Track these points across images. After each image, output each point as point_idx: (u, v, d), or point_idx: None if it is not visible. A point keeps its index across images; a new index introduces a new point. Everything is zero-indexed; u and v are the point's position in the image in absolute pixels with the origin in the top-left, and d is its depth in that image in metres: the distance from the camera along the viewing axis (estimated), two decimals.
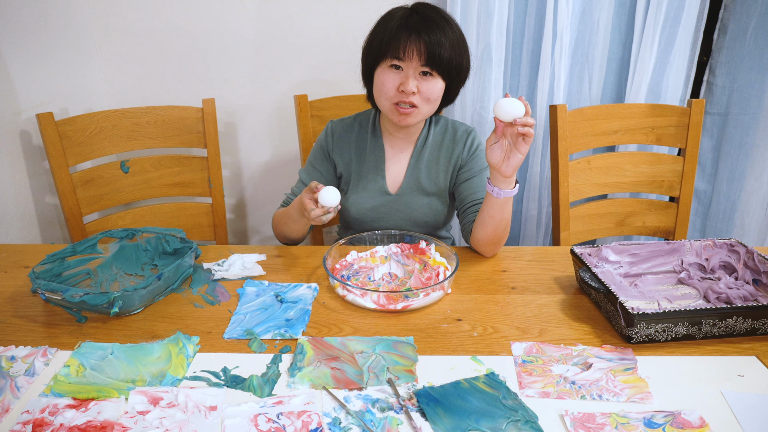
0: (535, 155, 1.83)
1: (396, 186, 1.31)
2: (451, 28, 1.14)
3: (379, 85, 1.18)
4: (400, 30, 1.13)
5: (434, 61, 1.13)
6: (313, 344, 0.91)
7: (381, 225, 1.31)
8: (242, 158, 1.93)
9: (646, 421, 0.75)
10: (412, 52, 1.12)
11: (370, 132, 1.31)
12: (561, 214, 1.58)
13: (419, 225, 1.32)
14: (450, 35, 1.13)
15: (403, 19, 1.14)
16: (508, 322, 0.98)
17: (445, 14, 1.16)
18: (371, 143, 1.31)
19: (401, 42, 1.12)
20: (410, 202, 1.30)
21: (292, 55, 1.79)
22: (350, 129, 1.32)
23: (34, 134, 1.51)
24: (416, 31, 1.12)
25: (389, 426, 0.75)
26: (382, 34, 1.15)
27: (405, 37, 1.12)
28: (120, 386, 0.82)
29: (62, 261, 1.09)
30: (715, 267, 1.10)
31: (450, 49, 1.13)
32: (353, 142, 1.32)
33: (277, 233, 1.34)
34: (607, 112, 1.59)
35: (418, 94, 1.15)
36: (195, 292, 1.08)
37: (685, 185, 1.63)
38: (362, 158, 1.31)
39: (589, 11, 1.70)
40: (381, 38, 1.15)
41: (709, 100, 1.82)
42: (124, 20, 1.73)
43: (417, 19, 1.13)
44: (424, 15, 1.14)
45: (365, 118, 1.34)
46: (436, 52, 1.12)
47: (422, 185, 1.30)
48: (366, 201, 1.30)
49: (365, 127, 1.32)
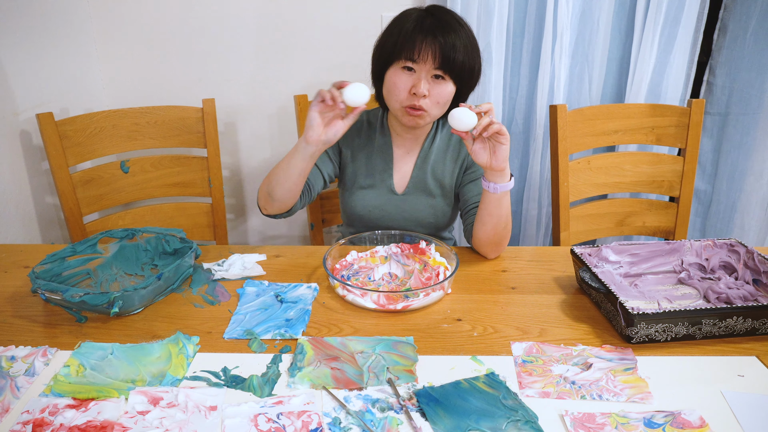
0: (535, 155, 1.83)
1: (402, 186, 1.31)
2: (464, 32, 1.14)
3: (390, 85, 1.17)
4: (415, 32, 1.11)
5: (447, 64, 1.12)
6: (313, 344, 0.91)
7: (385, 224, 1.31)
8: (242, 158, 1.93)
9: (646, 421, 0.75)
10: (426, 55, 1.12)
11: (379, 130, 1.31)
12: (561, 214, 1.58)
13: (423, 225, 1.32)
14: (464, 38, 1.13)
15: (418, 20, 1.13)
16: (508, 322, 0.98)
17: (459, 17, 1.16)
18: (380, 141, 1.30)
19: (416, 44, 1.11)
20: (415, 202, 1.30)
21: (292, 55, 1.79)
22: (360, 124, 1.31)
23: (34, 134, 1.51)
24: (431, 33, 1.11)
25: (389, 426, 0.75)
26: (397, 35, 1.14)
27: (420, 38, 1.11)
28: (120, 386, 0.82)
29: (62, 261, 1.08)
30: (715, 267, 1.10)
31: (463, 53, 1.13)
32: (363, 137, 1.31)
33: (262, 194, 1.20)
34: (607, 112, 1.59)
35: (428, 98, 1.15)
36: (195, 292, 1.08)
37: (685, 185, 1.63)
38: (370, 155, 1.30)
39: (589, 11, 1.70)
40: (395, 39, 1.14)
41: (709, 100, 1.82)
42: (124, 20, 1.73)
43: (432, 22, 1.12)
44: (439, 18, 1.13)
45: (374, 115, 1.33)
46: (450, 56, 1.11)
47: (428, 186, 1.30)
48: (373, 199, 1.30)
49: (374, 124, 1.32)
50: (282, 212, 1.21)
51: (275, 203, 1.18)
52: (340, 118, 1.08)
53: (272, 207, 1.19)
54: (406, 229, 1.24)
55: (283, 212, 1.21)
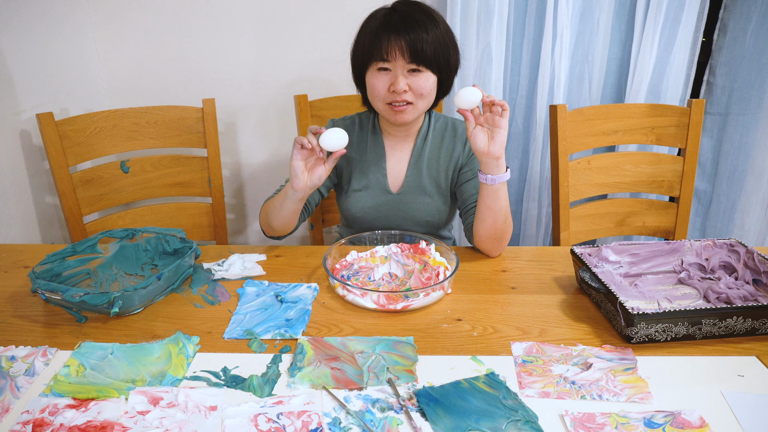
0: (535, 155, 1.83)
1: (397, 185, 1.31)
2: (433, 23, 1.14)
3: (370, 88, 1.19)
4: (380, 31, 1.13)
5: (419, 57, 1.13)
6: (313, 344, 0.91)
7: (382, 224, 1.31)
8: (242, 158, 1.93)
9: (646, 421, 0.75)
10: (395, 52, 1.13)
11: (370, 131, 1.32)
12: (561, 214, 1.58)
13: (421, 224, 1.32)
14: (432, 30, 1.13)
15: (383, 19, 1.14)
16: (508, 322, 0.98)
17: (426, 8, 1.16)
18: (371, 142, 1.31)
19: (383, 43, 1.13)
20: (412, 201, 1.30)
21: (292, 55, 1.79)
22: (351, 128, 1.32)
23: (34, 134, 1.51)
24: (395, 30, 1.12)
25: (389, 426, 0.75)
26: (365, 38, 1.16)
27: (386, 37, 1.12)
28: (120, 386, 0.82)
29: (62, 261, 1.09)
30: (715, 267, 1.10)
31: (434, 44, 1.13)
32: (354, 140, 1.31)
33: (262, 223, 1.29)
34: (607, 112, 1.59)
35: (410, 91, 1.16)
36: (195, 292, 1.08)
37: (685, 185, 1.63)
38: (363, 157, 1.31)
39: (589, 11, 1.70)
40: (365, 42, 1.16)
41: (709, 100, 1.82)
42: (125, 20, 1.73)
43: (396, 18, 1.13)
44: (404, 13, 1.14)
45: (366, 117, 1.34)
46: (419, 48, 1.12)
47: (423, 185, 1.30)
48: (368, 200, 1.30)
49: (366, 126, 1.32)
50: (284, 234, 1.28)
51: (276, 231, 1.26)
52: (321, 162, 1.11)
53: (274, 233, 1.27)
54: (403, 229, 1.24)
55: (285, 234, 1.28)
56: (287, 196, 1.15)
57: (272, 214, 1.22)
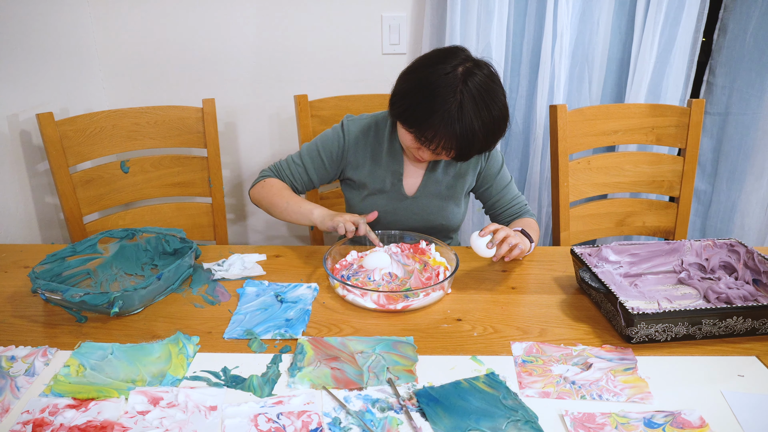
0: (535, 155, 1.83)
1: (413, 189, 1.30)
2: (493, 122, 1.07)
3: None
4: (439, 124, 1.04)
5: (460, 159, 1.13)
6: (313, 344, 0.91)
7: (396, 226, 1.30)
8: (242, 158, 1.93)
9: (646, 421, 0.75)
10: (440, 151, 1.10)
11: (388, 135, 1.28)
12: (561, 214, 1.58)
13: (434, 227, 1.32)
14: (489, 130, 1.07)
15: (448, 109, 1.03)
16: (508, 322, 0.98)
17: (496, 97, 1.07)
18: (388, 145, 1.27)
19: (435, 139, 1.07)
20: (427, 205, 1.30)
21: (292, 54, 1.79)
22: (366, 133, 1.28)
23: (34, 134, 1.51)
24: (453, 130, 1.04)
25: (389, 426, 0.75)
26: (420, 112, 1.06)
27: (441, 135, 1.06)
28: (120, 386, 0.82)
29: (62, 261, 1.09)
30: (715, 267, 1.10)
31: (480, 147, 1.10)
32: (369, 148, 1.28)
33: (255, 196, 1.31)
34: (607, 112, 1.59)
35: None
36: (195, 292, 1.08)
37: (685, 185, 1.63)
38: (378, 161, 1.28)
39: (589, 11, 1.70)
40: (417, 116, 1.07)
41: (709, 100, 1.82)
42: (125, 20, 1.73)
43: (462, 129, 1.04)
44: (471, 119, 1.04)
45: (383, 121, 1.29)
46: (464, 155, 1.11)
47: (439, 189, 1.29)
48: (385, 204, 1.29)
49: (383, 130, 1.28)
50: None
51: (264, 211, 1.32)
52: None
53: (260, 208, 1.32)
54: (417, 231, 1.24)
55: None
56: (304, 215, 1.20)
57: (274, 208, 1.26)
